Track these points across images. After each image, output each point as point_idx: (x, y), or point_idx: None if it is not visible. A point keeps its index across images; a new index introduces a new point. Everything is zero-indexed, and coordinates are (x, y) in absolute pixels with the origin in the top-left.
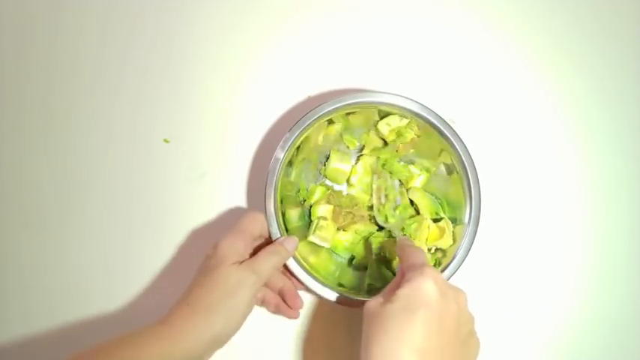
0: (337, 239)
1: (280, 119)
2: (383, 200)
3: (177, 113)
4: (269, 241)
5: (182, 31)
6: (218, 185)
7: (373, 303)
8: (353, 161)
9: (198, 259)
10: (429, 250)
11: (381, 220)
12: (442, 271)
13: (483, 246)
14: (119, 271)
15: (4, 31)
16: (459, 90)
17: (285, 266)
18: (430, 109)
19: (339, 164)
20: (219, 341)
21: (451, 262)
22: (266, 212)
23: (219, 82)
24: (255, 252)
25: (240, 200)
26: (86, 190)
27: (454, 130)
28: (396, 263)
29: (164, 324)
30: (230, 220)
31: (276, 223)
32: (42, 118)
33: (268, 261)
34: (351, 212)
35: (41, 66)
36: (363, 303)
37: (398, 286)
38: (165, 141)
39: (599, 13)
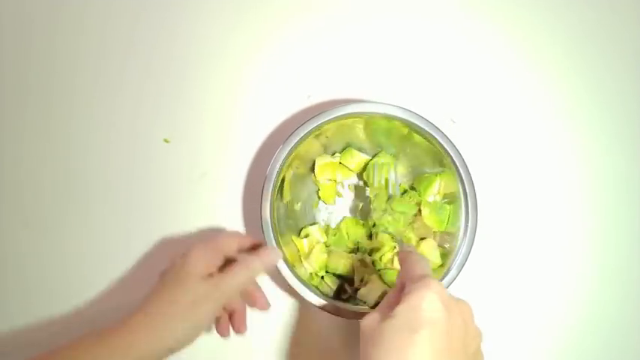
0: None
1: (280, 119)
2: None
3: (177, 113)
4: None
5: (183, 31)
6: (218, 185)
7: (370, 320)
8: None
9: None
10: None
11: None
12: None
13: (483, 246)
14: (119, 271)
15: (4, 31)
16: (459, 90)
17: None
18: (422, 117)
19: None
20: (175, 350)
21: (448, 271)
22: (262, 220)
23: (219, 82)
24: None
25: (241, 200)
26: (86, 190)
27: (448, 137)
28: (391, 275)
29: (116, 332)
30: (230, 219)
31: (271, 230)
32: (42, 117)
33: (238, 276)
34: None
35: (41, 65)
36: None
37: (397, 300)
38: (166, 141)
39: (600, 13)
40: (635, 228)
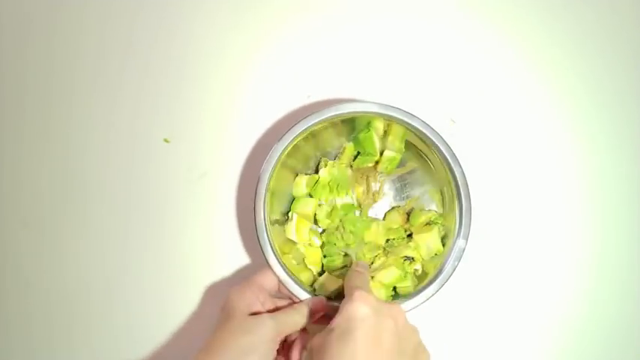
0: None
1: (280, 119)
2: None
3: (177, 113)
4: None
5: (181, 31)
6: (218, 185)
7: (317, 338)
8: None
9: (198, 259)
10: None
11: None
12: (430, 284)
13: (482, 246)
14: (118, 271)
15: (3, 31)
16: (459, 91)
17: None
18: (417, 117)
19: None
20: None
21: (439, 273)
22: (256, 227)
23: (219, 82)
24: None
25: (242, 200)
26: (85, 190)
27: (442, 137)
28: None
29: None
30: (229, 218)
31: (298, 285)
32: (41, 117)
33: (287, 314)
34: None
35: (40, 66)
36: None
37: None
38: (166, 141)
39: (599, 14)
40: (635, 225)
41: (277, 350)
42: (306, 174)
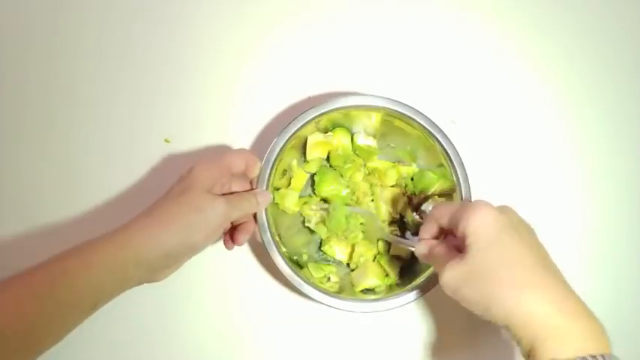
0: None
1: (280, 119)
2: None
3: (177, 113)
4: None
5: (181, 30)
6: None
7: (450, 271)
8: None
9: (198, 259)
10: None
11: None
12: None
13: None
14: None
15: (3, 31)
16: (459, 90)
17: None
18: (410, 106)
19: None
20: (174, 256)
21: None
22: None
23: (219, 82)
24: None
25: None
26: (86, 190)
27: (445, 133)
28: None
29: (120, 230)
30: None
31: (266, 180)
32: (41, 117)
33: (240, 200)
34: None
35: (40, 66)
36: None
37: (458, 248)
38: (166, 141)
39: (599, 13)
40: (635, 225)
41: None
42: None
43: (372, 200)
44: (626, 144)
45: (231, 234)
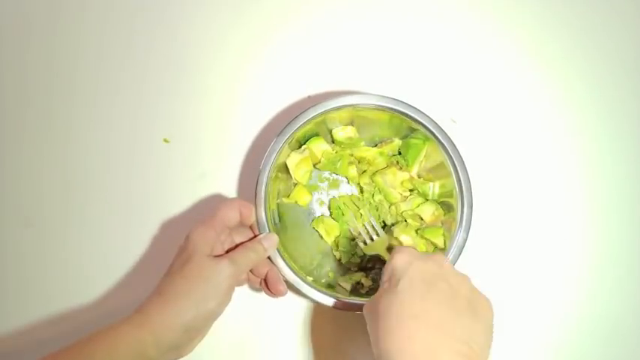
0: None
1: (280, 119)
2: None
3: (177, 113)
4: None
5: (182, 30)
6: (218, 185)
7: (367, 305)
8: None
9: None
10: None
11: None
12: None
13: (483, 246)
14: (118, 271)
15: (3, 31)
16: (460, 90)
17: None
18: (414, 107)
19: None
20: (194, 329)
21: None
22: (255, 199)
23: (219, 82)
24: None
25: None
26: (86, 190)
27: (445, 132)
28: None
29: (137, 313)
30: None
31: (264, 215)
32: (42, 117)
33: (246, 256)
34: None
35: (41, 66)
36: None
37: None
38: (166, 141)
39: (600, 13)
40: (636, 225)
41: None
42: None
43: (378, 193)
44: (627, 142)
45: (265, 285)
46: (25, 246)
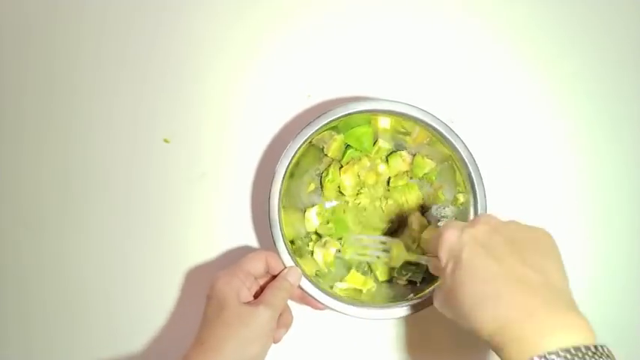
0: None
1: (280, 119)
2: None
3: (177, 113)
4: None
5: (182, 30)
6: (218, 185)
7: (438, 293)
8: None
9: (198, 259)
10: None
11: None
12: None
13: None
14: (118, 271)
15: (3, 31)
16: (458, 90)
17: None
18: (428, 112)
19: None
20: None
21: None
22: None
23: (219, 82)
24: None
25: (240, 201)
26: (86, 190)
27: (456, 133)
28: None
29: None
30: (232, 220)
31: (286, 250)
32: (41, 117)
33: (277, 296)
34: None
35: (40, 66)
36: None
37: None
38: (166, 141)
39: (599, 13)
40: (636, 225)
41: None
42: (315, 175)
43: (384, 199)
44: (627, 142)
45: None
46: (23, 247)
